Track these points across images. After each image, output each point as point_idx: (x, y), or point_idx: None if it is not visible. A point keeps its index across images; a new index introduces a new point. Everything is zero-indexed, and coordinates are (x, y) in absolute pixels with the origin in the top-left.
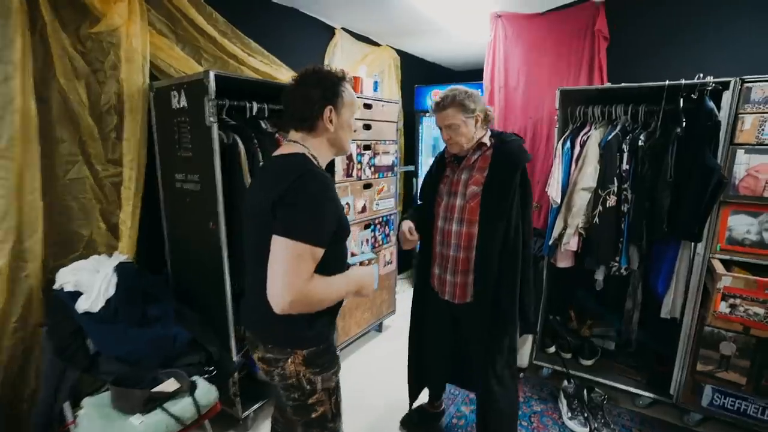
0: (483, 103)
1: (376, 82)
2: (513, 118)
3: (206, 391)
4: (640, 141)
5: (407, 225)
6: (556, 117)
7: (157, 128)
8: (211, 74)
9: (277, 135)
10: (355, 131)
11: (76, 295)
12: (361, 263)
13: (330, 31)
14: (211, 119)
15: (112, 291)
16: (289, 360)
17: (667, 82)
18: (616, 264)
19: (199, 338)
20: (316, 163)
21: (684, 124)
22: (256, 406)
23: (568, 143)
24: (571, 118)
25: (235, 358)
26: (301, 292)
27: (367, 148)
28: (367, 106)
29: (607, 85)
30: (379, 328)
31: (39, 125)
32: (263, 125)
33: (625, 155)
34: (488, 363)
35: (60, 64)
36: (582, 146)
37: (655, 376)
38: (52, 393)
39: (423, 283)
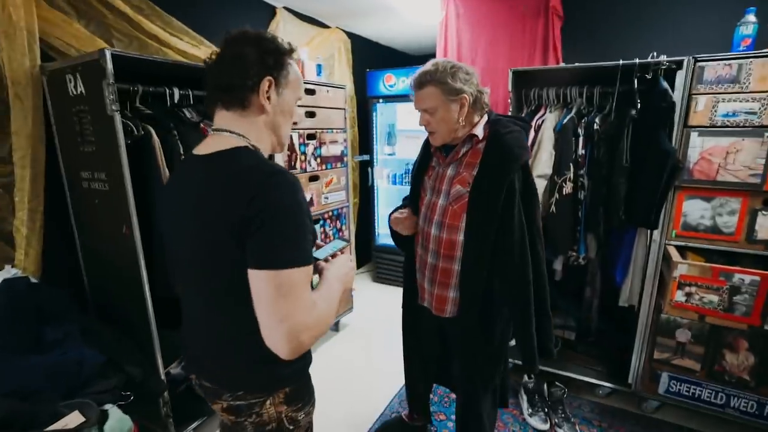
0: (475, 83)
1: (319, 66)
2: None
3: (118, 422)
4: (595, 125)
5: (396, 212)
6: (509, 100)
7: (55, 119)
8: (107, 53)
9: (202, 124)
10: (296, 123)
11: None
12: (333, 256)
13: (270, 11)
14: (113, 107)
15: None
16: (268, 402)
17: (621, 62)
18: (574, 254)
19: (117, 358)
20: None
21: (639, 106)
22: (194, 425)
23: None
24: (526, 102)
25: (165, 372)
26: (310, 326)
27: (311, 137)
28: (310, 92)
29: (561, 65)
30: (336, 327)
31: None
32: (187, 114)
33: (581, 140)
34: (473, 373)
35: None
36: (537, 131)
37: (615, 365)
38: None
39: (409, 286)
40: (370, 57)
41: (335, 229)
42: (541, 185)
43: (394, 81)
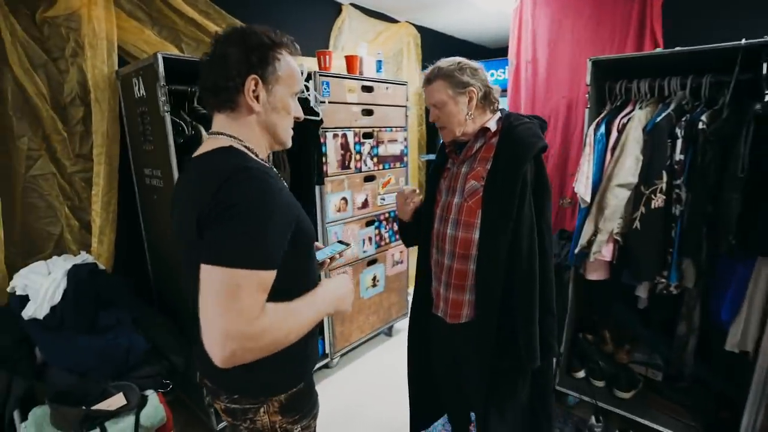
0: (483, 78)
1: (379, 62)
2: (542, 98)
3: (153, 411)
4: (700, 123)
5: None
6: (587, 95)
7: (127, 119)
8: (159, 56)
9: None
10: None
11: (26, 299)
12: (331, 258)
13: (336, 8)
14: (165, 108)
15: (58, 297)
16: (262, 410)
17: (743, 41)
18: (663, 280)
19: (162, 347)
20: (251, 155)
21: (767, 98)
22: None
23: (603, 127)
24: (610, 97)
25: None
26: (246, 336)
27: (367, 136)
28: (367, 89)
29: (657, 50)
30: (389, 332)
31: None
32: None
33: (680, 142)
34: (487, 392)
35: (13, 52)
36: (621, 131)
37: (715, 421)
38: (1, 401)
39: (421, 295)
40: (443, 51)
41: (391, 231)
42: (622, 196)
43: None
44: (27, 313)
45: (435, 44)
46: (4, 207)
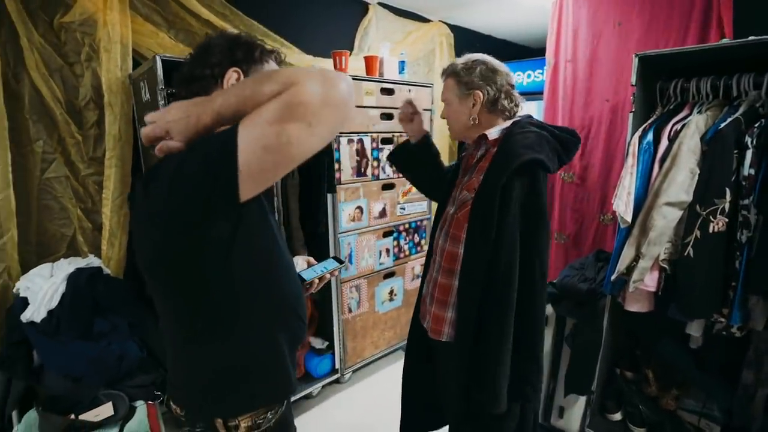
0: (500, 83)
1: (402, 63)
2: (583, 102)
3: (137, 425)
4: None
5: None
6: (631, 98)
7: (139, 123)
8: (158, 59)
9: None
10: None
11: (27, 302)
12: (320, 278)
13: (362, 8)
14: None
15: (56, 301)
16: None
17: None
18: (722, 320)
19: (158, 354)
20: None
21: None
22: None
23: (650, 135)
24: (662, 99)
25: None
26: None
27: (387, 141)
28: (387, 92)
29: (723, 41)
30: None
31: (9, 122)
32: None
33: (749, 153)
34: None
35: (30, 57)
36: (673, 139)
37: None
38: (1, 400)
39: (418, 304)
40: (482, 51)
41: (411, 243)
42: (671, 217)
43: None
44: (25, 316)
45: (470, 44)
46: (20, 208)
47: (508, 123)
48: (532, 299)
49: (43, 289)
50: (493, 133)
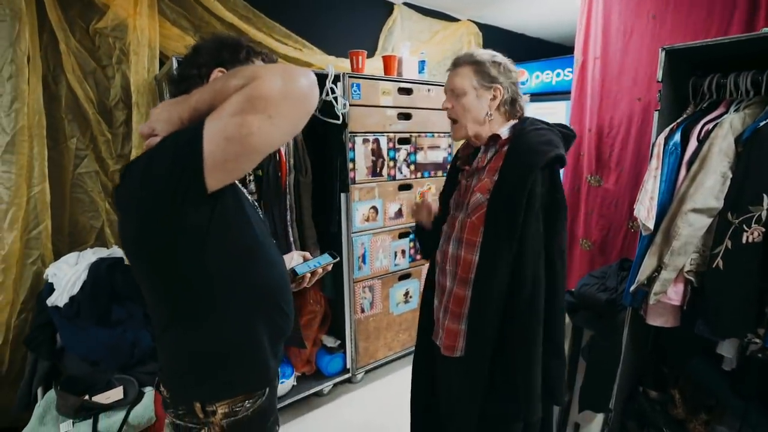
0: (515, 81)
1: (422, 62)
2: (612, 100)
3: (143, 410)
4: None
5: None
6: (657, 95)
7: None
8: (174, 60)
9: None
10: None
11: (53, 287)
12: (312, 273)
13: (387, 8)
14: None
15: (77, 288)
16: None
17: None
18: (757, 341)
19: None
20: None
21: None
22: None
23: (677, 136)
24: (695, 96)
25: None
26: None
27: (404, 141)
28: (405, 91)
29: (764, 30)
30: None
31: (48, 121)
32: None
33: None
34: None
35: (68, 61)
36: (703, 140)
37: None
38: (30, 377)
39: (426, 316)
40: (509, 51)
41: None
42: (699, 225)
43: (526, 77)
44: (51, 300)
45: (500, 43)
46: (54, 200)
47: (514, 122)
48: (556, 297)
49: (67, 275)
50: (504, 131)
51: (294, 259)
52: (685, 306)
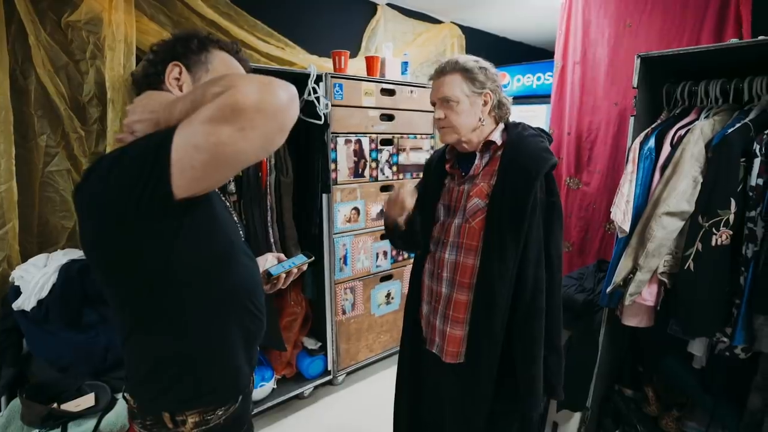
0: (499, 84)
1: (405, 63)
2: (591, 105)
3: (115, 418)
4: None
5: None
6: (633, 101)
7: None
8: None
9: None
10: None
11: (20, 290)
12: (287, 273)
13: (370, 8)
14: None
15: (46, 291)
16: None
17: None
18: (724, 340)
19: None
20: None
21: None
22: None
23: (652, 141)
24: (668, 103)
25: None
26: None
27: (386, 142)
28: (388, 92)
29: (732, 41)
30: None
31: (15, 116)
32: None
33: (758, 162)
34: None
35: (37, 55)
36: (676, 146)
37: None
38: None
39: (412, 323)
40: (492, 54)
41: None
42: (671, 228)
43: (508, 80)
44: (17, 304)
45: (483, 46)
46: (23, 199)
47: (501, 126)
48: (554, 295)
49: (35, 278)
50: (496, 137)
51: (268, 261)
52: (659, 306)
